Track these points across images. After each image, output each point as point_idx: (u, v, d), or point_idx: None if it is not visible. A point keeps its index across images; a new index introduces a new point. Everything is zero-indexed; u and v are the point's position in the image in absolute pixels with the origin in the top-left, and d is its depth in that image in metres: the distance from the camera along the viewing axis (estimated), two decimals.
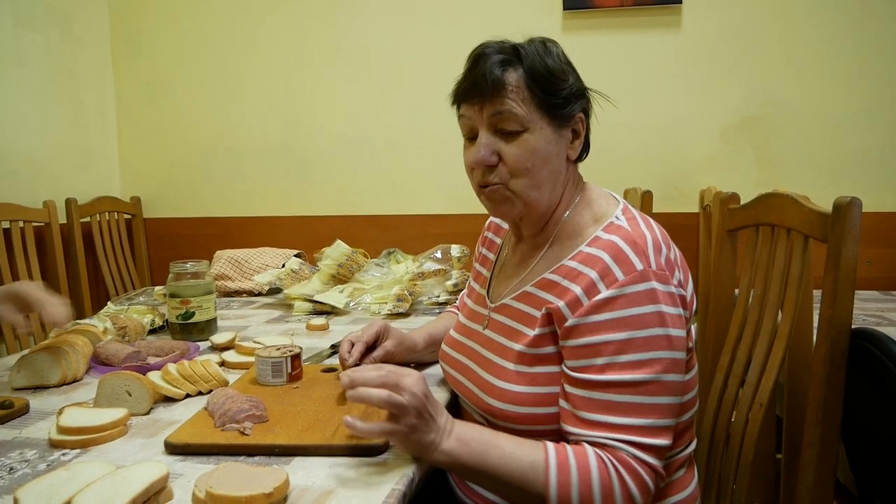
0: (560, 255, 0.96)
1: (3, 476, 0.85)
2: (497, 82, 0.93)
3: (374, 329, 1.20)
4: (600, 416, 0.85)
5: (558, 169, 0.98)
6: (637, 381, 0.85)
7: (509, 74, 0.93)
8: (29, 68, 2.28)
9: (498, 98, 0.93)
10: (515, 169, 0.95)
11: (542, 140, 0.95)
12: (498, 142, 0.95)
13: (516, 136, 0.94)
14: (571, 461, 0.83)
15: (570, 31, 2.40)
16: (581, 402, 0.87)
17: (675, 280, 0.90)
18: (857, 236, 0.92)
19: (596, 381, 0.86)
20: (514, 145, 0.94)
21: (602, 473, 0.82)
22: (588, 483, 0.82)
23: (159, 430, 0.99)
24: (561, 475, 0.82)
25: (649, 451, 0.84)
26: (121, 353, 1.26)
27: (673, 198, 2.38)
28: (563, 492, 0.82)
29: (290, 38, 2.59)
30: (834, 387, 0.95)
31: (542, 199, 0.98)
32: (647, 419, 0.85)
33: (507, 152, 0.95)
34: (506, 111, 0.93)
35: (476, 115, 0.96)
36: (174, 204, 2.75)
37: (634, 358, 0.85)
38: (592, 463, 0.82)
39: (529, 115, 0.94)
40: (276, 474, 0.78)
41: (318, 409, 1.02)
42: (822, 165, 2.29)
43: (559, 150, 0.97)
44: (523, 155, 0.94)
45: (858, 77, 2.25)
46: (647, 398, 0.85)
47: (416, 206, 2.56)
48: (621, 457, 0.83)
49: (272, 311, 1.88)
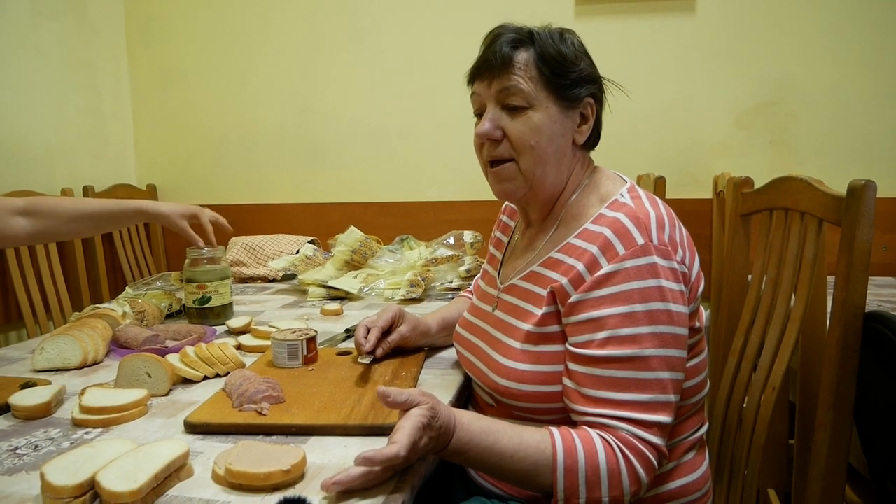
0: (565, 235, 0.97)
1: (29, 453, 0.87)
2: (506, 58, 0.95)
3: (390, 314, 1.21)
4: (603, 393, 0.86)
5: (563, 150, 0.99)
6: (638, 356, 0.85)
7: (520, 53, 0.96)
8: (45, 56, 2.30)
9: (506, 74, 0.96)
10: (520, 145, 0.97)
11: (547, 118, 0.96)
12: (504, 117, 0.97)
13: (521, 112, 0.96)
14: (578, 445, 0.83)
15: (583, 17, 2.39)
16: (584, 378, 0.87)
17: (677, 257, 0.90)
18: (871, 219, 0.92)
19: (597, 357, 0.86)
20: (519, 122, 0.96)
21: (609, 456, 0.83)
22: (595, 467, 0.82)
23: (178, 410, 1.01)
24: (568, 460, 0.83)
25: (651, 428, 0.85)
26: (139, 337, 1.28)
27: (686, 184, 2.37)
28: (570, 477, 0.82)
29: (303, 25, 2.60)
30: (847, 370, 0.95)
31: (547, 179, 0.99)
32: (649, 394, 0.85)
33: (512, 128, 0.96)
34: (512, 87, 0.95)
35: (485, 91, 0.98)
36: (189, 192, 2.77)
37: (635, 332, 0.85)
38: (599, 447, 0.83)
39: (536, 92, 0.95)
40: (293, 452, 0.80)
41: (334, 390, 1.04)
42: (837, 150, 2.27)
43: (564, 131, 0.98)
44: (527, 132, 0.96)
45: (874, 61, 2.22)
46: (647, 373, 0.85)
47: (428, 193, 2.57)
48: (624, 437, 0.84)
49: (287, 296, 1.90)
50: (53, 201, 1.43)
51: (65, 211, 1.41)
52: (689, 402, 0.98)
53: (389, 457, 0.74)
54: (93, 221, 1.46)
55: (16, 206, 1.37)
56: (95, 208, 1.45)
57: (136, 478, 0.72)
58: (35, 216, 1.38)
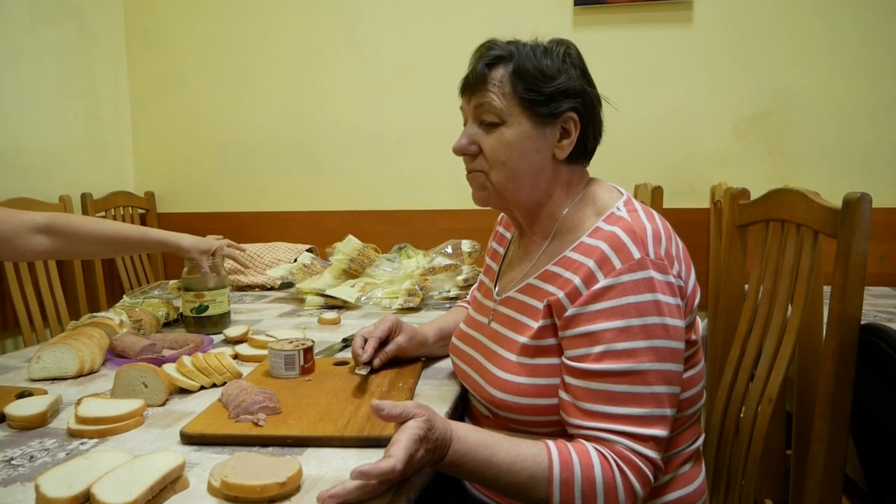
0: (561, 248, 0.98)
1: (24, 464, 0.87)
2: (481, 76, 0.98)
3: (387, 324, 1.21)
4: (599, 407, 0.86)
5: (538, 166, 0.99)
6: (634, 370, 0.85)
7: (496, 70, 0.98)
8: (45, 63, 2.31)
9: (481, 91, 0.98)
10: (491, 160, 0.99)
11: (519, 135, 0.97)
12: (480, 133, 1.00)
13: (495, 128, 0.98)
14: (574, 459, 0.83)
15: (580, 27, 2.40)
16: (580, 392, 0.87)
17: (674, 271, 0.90)
18: (866, 231, 0.92)
19: (593, 371, 0.86)
20: (492, 137, 0.98)
21: (605, 470, 0.82)
22: (591, 480, 0.82)
23: (175, 420, 1.00)
24: (564, 473, 0.82)
25: (647, 442, 0.85)
26: (136, 346, 1.28)
27: (684, 193, 2.37)
28: (567, 490, 0.82)
29: (301, 33, 2.61)
30: (843, 382, 0.95)
31: (522, 193, 1.00)
32: (644, 409, 0.85)
33: (485, 144, 0.99)
34: (486, 103, 0.98)
35: (467, 106, 1.02)
36: (187, 199, 2.77)
37: (631, 346, 0.85)
38: (595, 460, 0.83)
39: (508, 108, 0.97)
40: (289, 464, 0.80)
41: (330, 401, 1.04)
42: (834, 160, 2.28)
43: (539, 147, 0.98)
44: (498, 147, 0.98)
45: (871, 71, 2.24)
46: (643, 387, 0.85)
47: (426, 202, 2.58)
48: (621, 451, 0.84)
49: (284, 305, 1.90)
50: (76, 221, 1.41)
51: (87, 233, 1.41)
52: (686, 413, 0.98)
53: (385, 471, 0.74)
54: (113, 245, 1.47)
55: (36, 223, 1.36)
56: (118, 234, 1.46)
57: (132, 490, 0.72)
58: (56, 235, 1.37)
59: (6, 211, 1.34)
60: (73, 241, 1.40)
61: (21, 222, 1.34)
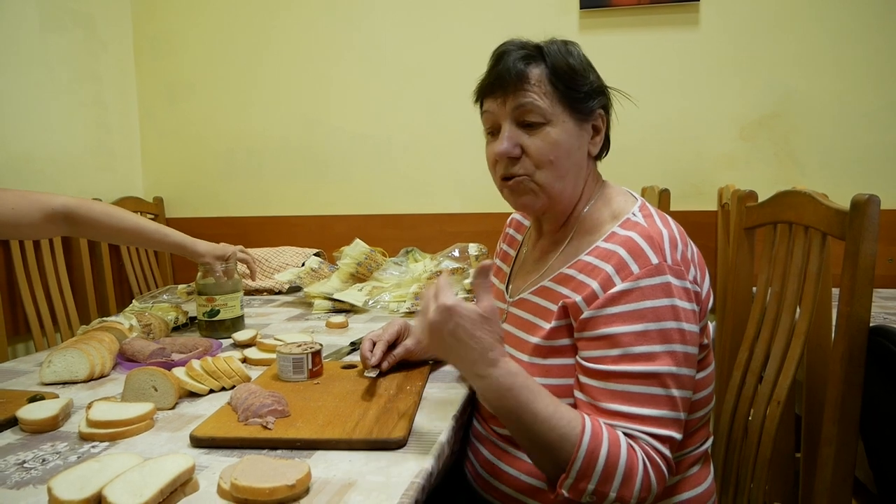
0: (578, 251, 0.98)
1: (37, 467, 0.87)
2: (521, 75, 0.96)
3: (395, 328, 1.22)
4: (618, 406, 0.86)
5: (580, 163, 1.00)
6: (651, 373, 0.85)
7: (532, 69, 0.96)
8: (54, 70, 2.33)
9: (521, 91, 0.96)
10: (539, 161, 0.97)
11: (565, 133, 0.97)
12: (521, 134, 0.97)
13: (539, 128, 0.96)
14: (605, 435, 0.83)
15: (587, 30, 2.40)
16: (598, 392, 0.88)
17: (690, 276, 0.91)
18: (875, 233, 0.92)
19: (611, 372, 0.87)
20: (538, 138, 0.96)
21: (630, 456, 0.83)
22: (615, 460, 0.82)
23: (184, 424, 1.01)
24: (592, 443, 0.82)
25: (665, 442, 0.86)
26: (146, 350, 1.29)
27: (691, 196, 2.37)
28: (589, 460, 0.82)
29: (308, 38, 2.62)
30: (852, 384, 0.95)
31: (566, 192, 1.00)
32: (661, 410, 0.85)
33: (531, 144, 0.97)
34: (528, 103, 0.96)
35: (499, 108, 0.98)
36: (195, 204, 2.79)
37: (649, 350, 0.86)
38: (623, 445, 0.83)
39: (552, 108, 0.96)
40: (298, 467, 0.80)
41: (339, 404, 1.04)
42: (841, 162, 2.27)
43: (581, 144, 0.99)
44: (546, 147, 0.96)
45: (878, 73, 2.23)
46: (661, 390, 0.86)
47: (433, 206, 2.58)
48: (643, 447, 0.84)
49: (292, 309, 1.91)
50: (98, 214, 1.40)
51: (107, 227, 1.42)
52: (696, 415, 0.98)
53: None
54: (131, 241, 1.51)
55: (54, 209, 1.34)
56: (138, 232, 1.47)
57: (143, 493, 0.73)
58: (75, 225, 1.38)
59: (18, 194, 1.32)
60: (90, 233, 1.43)
61: (36, 207, 1.32)
